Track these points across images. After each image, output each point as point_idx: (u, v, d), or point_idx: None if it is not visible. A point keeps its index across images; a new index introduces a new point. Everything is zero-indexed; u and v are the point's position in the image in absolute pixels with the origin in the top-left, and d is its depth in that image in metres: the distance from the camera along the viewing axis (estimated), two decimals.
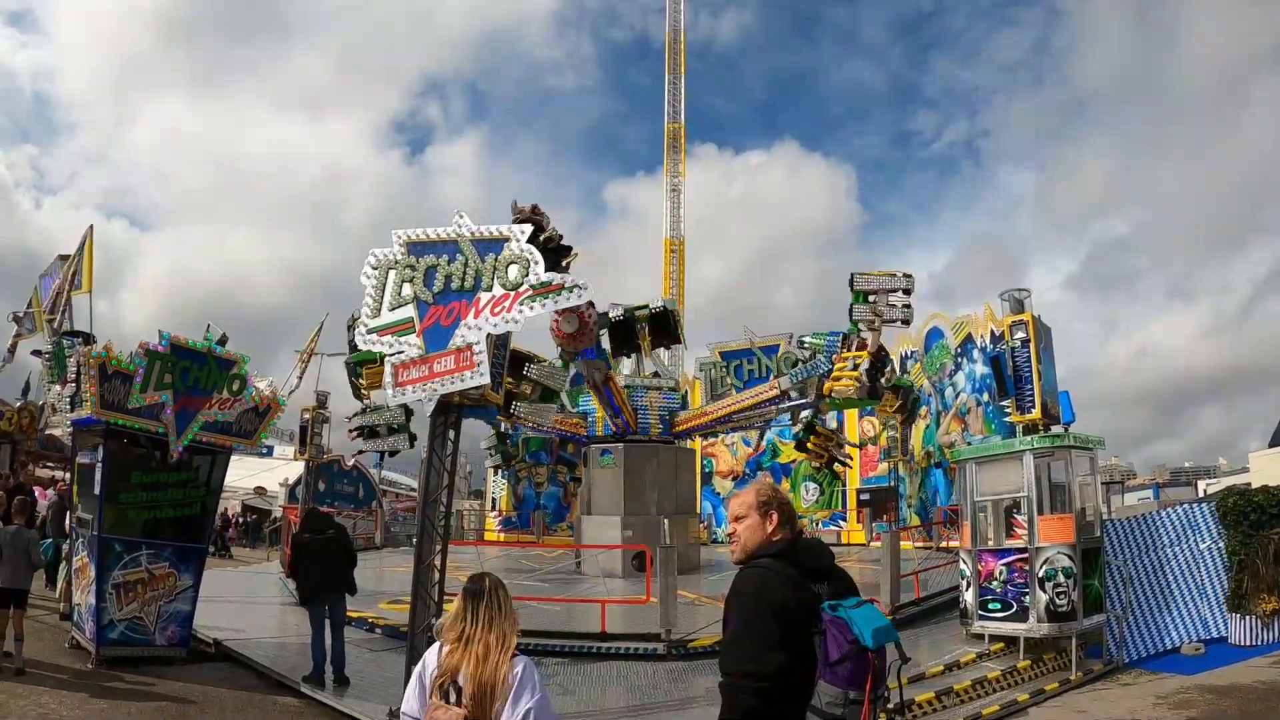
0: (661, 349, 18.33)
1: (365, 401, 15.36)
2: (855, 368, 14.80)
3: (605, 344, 17.35)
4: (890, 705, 3.39)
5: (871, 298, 14.64)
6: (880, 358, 15.37)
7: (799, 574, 3.30)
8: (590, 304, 14.54)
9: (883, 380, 15.93)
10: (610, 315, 14.95)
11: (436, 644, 3.77)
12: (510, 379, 13.53)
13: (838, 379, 14.90)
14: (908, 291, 14.75)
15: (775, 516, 3.48)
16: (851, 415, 27.15)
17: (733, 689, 3.13)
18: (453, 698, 3.54)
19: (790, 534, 3.47)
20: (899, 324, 15.25)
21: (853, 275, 14.76)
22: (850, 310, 14.83)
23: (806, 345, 17.04)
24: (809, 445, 19.16)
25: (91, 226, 12.89)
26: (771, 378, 19.64)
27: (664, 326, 15.49)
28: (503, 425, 25.23)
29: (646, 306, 15.73)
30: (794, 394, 17.38)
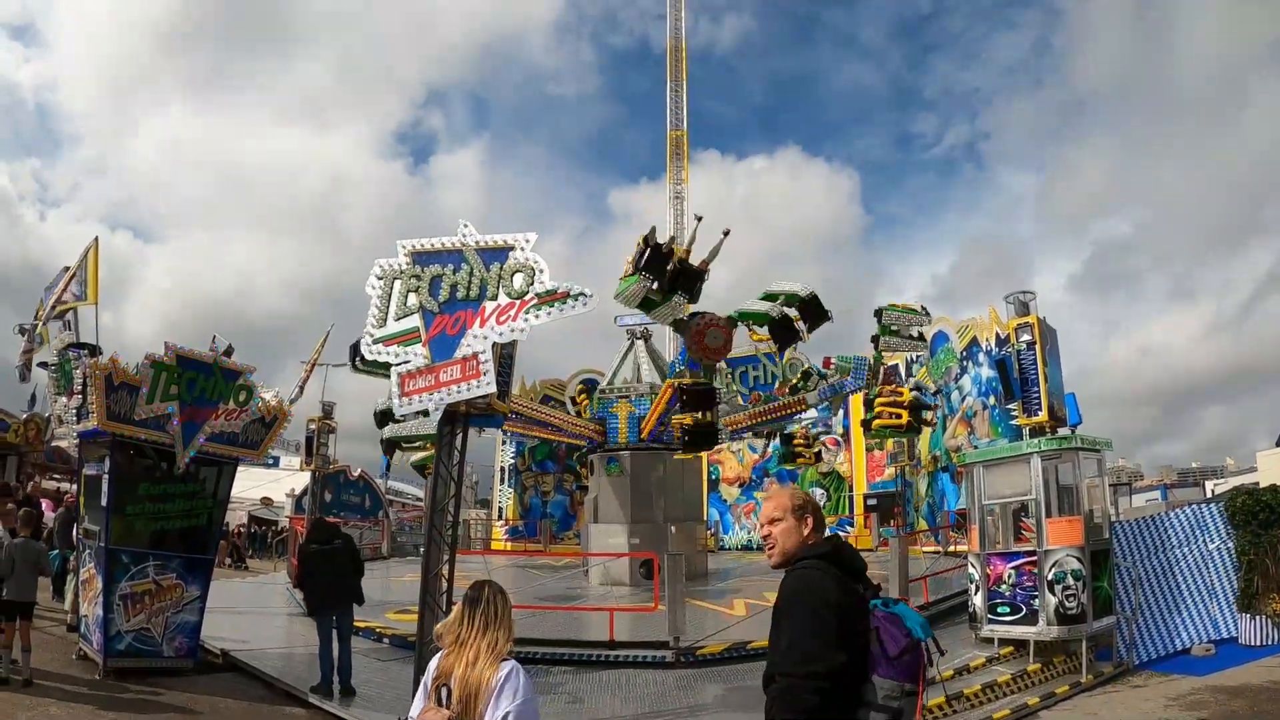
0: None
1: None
2: (900, 403, 16.02)
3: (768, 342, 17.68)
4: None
5: (894, 326, 15.49)
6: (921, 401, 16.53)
7: (844, 574, 3.36)
8: (729, 319, 15.29)
9: (925, 414, 17.28)
10: (769, 314, 15.35)
11: (441, 652, 3.83)
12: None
13: (889, 413, 15.95)
14: (924, 323, 16.01)
15: (810, 520, 3.53)
16: (856, 415, 27.02)
17: (792, 690, 3.13)
18: (445, 698, 3.63)
19: (819, 532, 3.53)
20: (916, 353, 16.38)
21: (879, 309, 15.61)
22: (875, 340, 15.74)
23: (834, 366, 18.05)
24: (795, 448, 19.75)
25: (96, 238, 12.92)
26: (778, 384, 19.68)
27: (815, 311, 15.81)
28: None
29: (785, 297, 15.96)
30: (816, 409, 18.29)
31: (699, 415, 16.13)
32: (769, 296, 15.40)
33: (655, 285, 13.85)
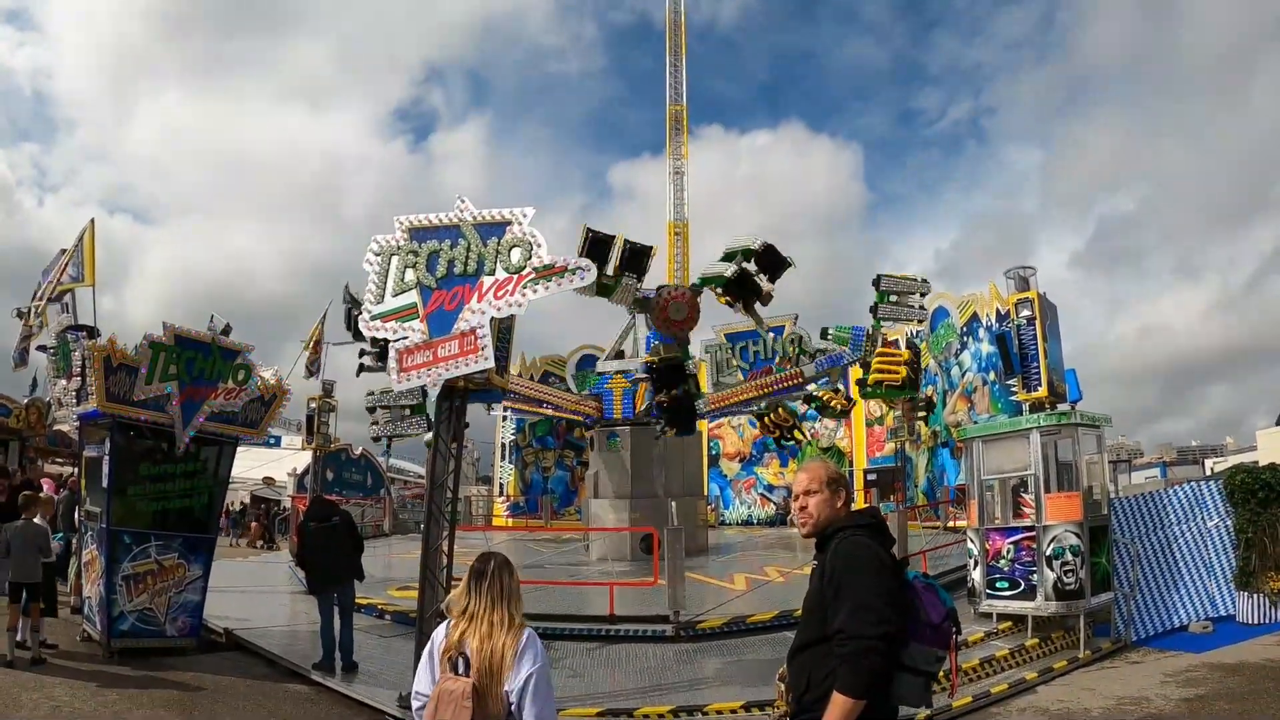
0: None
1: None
2: (899, 362, 15.53)
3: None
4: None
5: (893, 297, 15.39)
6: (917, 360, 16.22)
7: (885, 540, 3.53)
8: (692, 288, 15.69)
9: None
10: (725, 275, 15.33)
11: (445, 623, 3.86)
12: None
13: (886, 371, 15.48)
14: (924, 294, 15.85)
15: (843, 493, 3.68)
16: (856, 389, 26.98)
17: (864, 652, 3.20)
18: (461, 668, 3.63)
19: (849, 506, 3.68)
20: (915, 323, 16.53)
21: (879, 276, 15.47)
22: (874, 309, 15.58)
23: (831, 337, 17.63)
24: (767, 420, 19.70)
25: (92, 220, 12.87)
26: (778, 359, 19.64)
27: (772, 261, 15.79)
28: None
29: (739, 254, 15.92)
30: (814, 382, 18.05)
31: (673, 391, 16.21)
32: (727, 256, 15.40)
33: (604, 270, 14.10)
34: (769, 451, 31.72)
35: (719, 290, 15.66)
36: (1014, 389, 12.81)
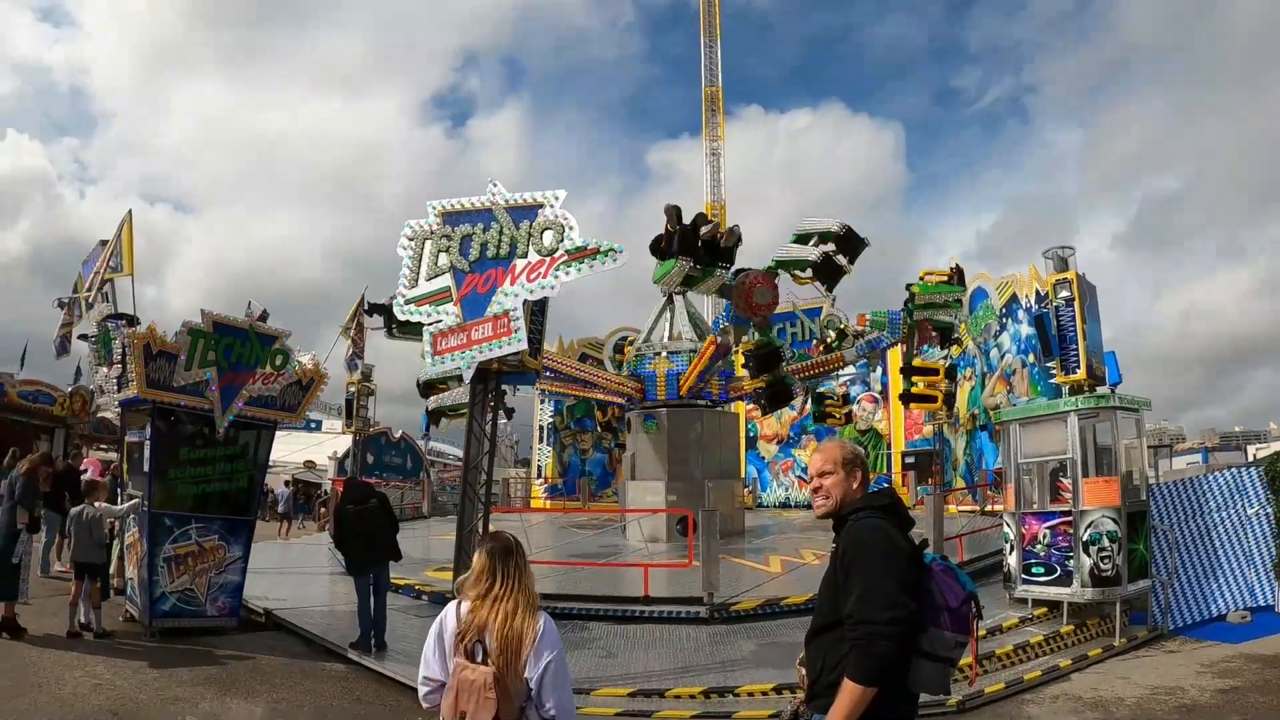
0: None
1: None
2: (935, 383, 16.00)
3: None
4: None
5: (928, 312, 15.83)
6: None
7: (901, 523, 3.46)
8: (770, 271, 15.67)
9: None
10: (807, 258, 15.40)
11: (453, 604, 3.74)
12: None
13: (924, 394, 16.02)
14: (957, 303, 16.35)
15: (859, 474, 3.60)
16: (895, 371, 26.80)
17: (874, 637, 3.14)
18: (479, 655, 3.53)
19: (866, 487, 3.60)
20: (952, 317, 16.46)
21: (909, 290, 15.84)
22: (909, 306, 16.04)
23: (870, 322, 18.07)
24: (826, 409, 19.70)
25: (130, 210, 13.05)
26: (815, 342, 19.59)
27: (850, 243, 15.85)
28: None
29: (817, 237, 15.98)
30: (855, 366, 18.27)
31: (770, 375, 16.17)
32: (802, 238, 15.28)
33: (694, 263, 13.96)
34: (807, 434, 31.65)
35: (799, 272, 15.58)
36: (1053, 371, 12.67)
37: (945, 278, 15.97)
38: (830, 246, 15.13)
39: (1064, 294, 12.18)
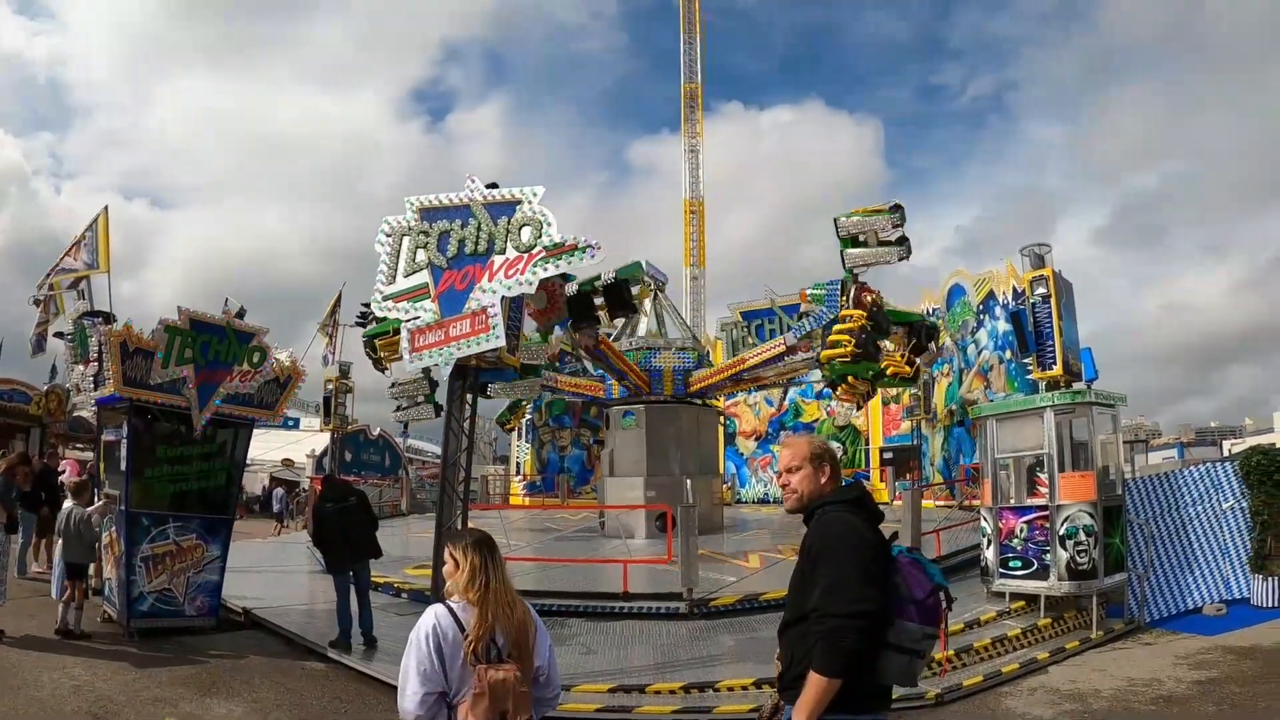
0: (637, 314, 17.96)
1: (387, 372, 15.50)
2: (849, 331, 13.15)
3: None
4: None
5: (862, 237, 13.13)
6: (878, 315, 13.57)
7: (870, 516, 3.47)
8: (562, 276, 13.62)
9: (885, 341, 14.24)
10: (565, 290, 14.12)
11: (439, 609, 3.56)
12: None
13: (833, 344, 13.30)
14: (899, 225, 13.11)
15: (827, 468, 3.61)
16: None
17: (838, 630, 3.17)
18: (494, 655, 3.46)
19: (836, 481, 3.62)
20: (899, 260, 13.44)
21: (836, 220, 13.26)
22: (842, 256, 13.39)
23: (810, 296, 15.42)
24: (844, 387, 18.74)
25: (106, 206, 12.93)
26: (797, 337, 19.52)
27: (618, 298, 14.78)
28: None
29: (598, 279, 15.07)
30: (799, 348, 16.86)
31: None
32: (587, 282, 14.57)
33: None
34: (785, 430, 31.76)
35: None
36: (1029, 367, 12.75)
37: (880, 210, 13.27)
38: (891, 220, 13.28)
39: (1041, 291, 12.26)
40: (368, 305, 13.04)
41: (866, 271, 13.46)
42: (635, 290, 14.36)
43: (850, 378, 13.58)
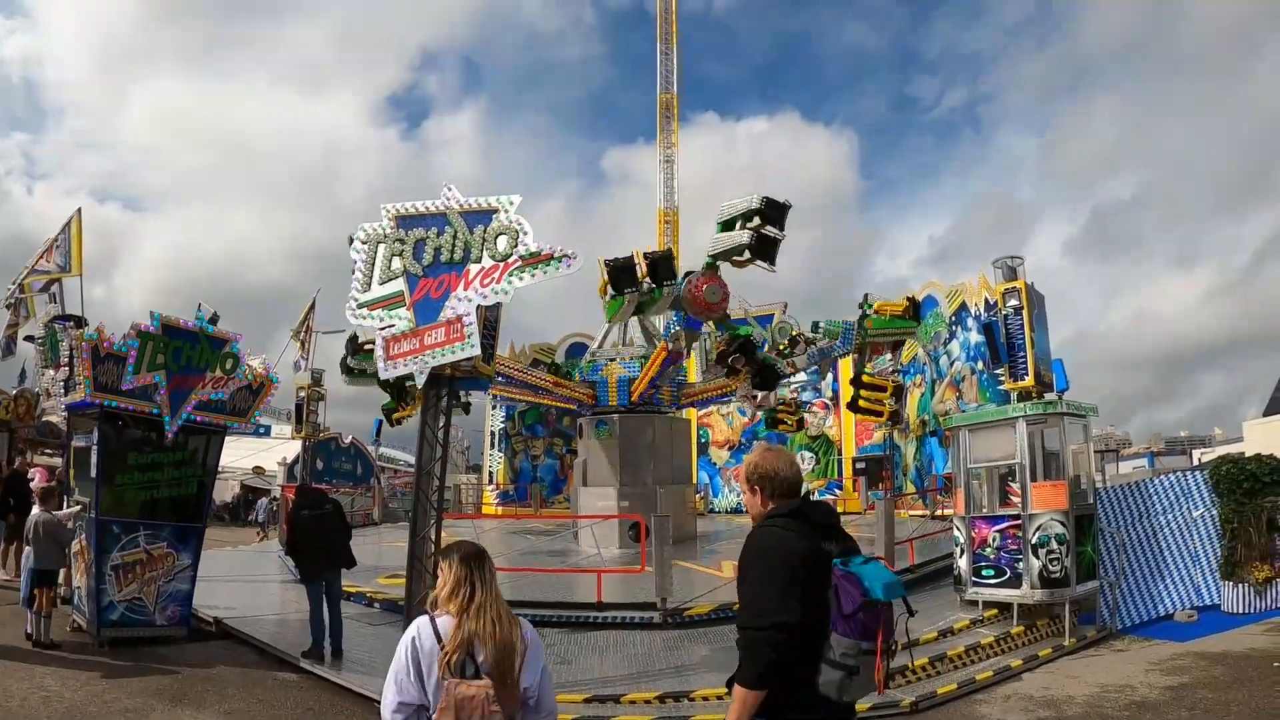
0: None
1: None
2: (882, 399, 15.94)
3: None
4: (894, 660, 3.47)
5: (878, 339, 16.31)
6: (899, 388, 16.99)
7: (811, 529, 3.40)
8: (710, 267, 15.14)
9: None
10: (742, 242, 14.92)
11: (423, 621, 3.51)
12: None
13: (870, 407, 16.04)
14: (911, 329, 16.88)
15: (758, 489, 3.59)
16: (846, 379, 27.08)
17: (753, 643, 3.20)
18: (469, 671, 3.36)
19: (787, 498, 3.54)
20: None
21: (863, 316, 16.34)
22: (860, 331, 16.46)
23: (822, 330, 18.13)
24: (778, 415, 19.80)
25: (79, 209, 12.84)
26: (766, 347, 19.67)
27: (775, 210, 15.41)
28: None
29: (746, 212, 15.77)
30: (806, 373, 18.48)
31: (751, 361, 16.37)
32: (727, 225, 15.14)
33: (639, 291, 14.10)
34: (759, 440, 31.81)
35: (737, 258, 15.40)
36: (1001, 378, 12.85)
37: (899, 311, 16.21)
38: (755, 222, 14.87)
39: (1013, 302, 12.37)
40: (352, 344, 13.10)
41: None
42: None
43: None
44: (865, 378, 16.55)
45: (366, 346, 13.97)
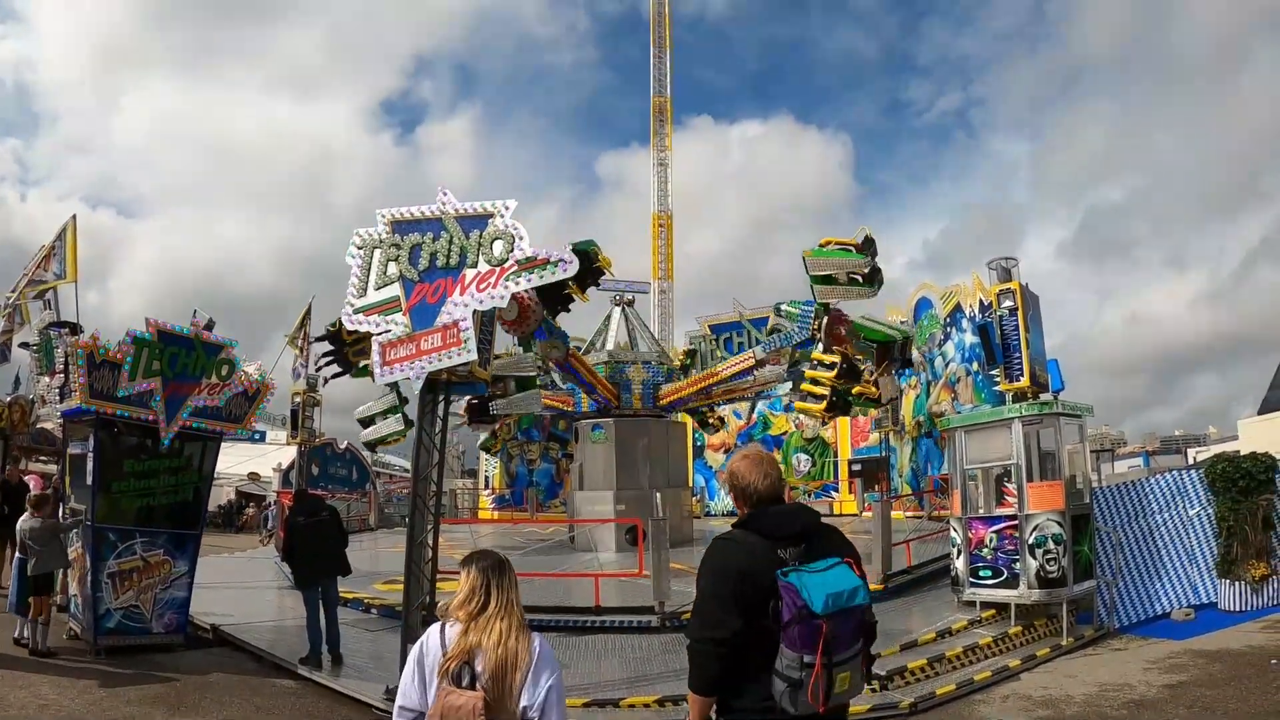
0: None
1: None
2: (828, 371, 13.57)
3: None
4: (882, 673, 3.47)
5: (833, 275, 13.18)
6: (851, 368, 13.95)
7: (763, 540, 3.35)
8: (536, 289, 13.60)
9: (853, 394, 14.65)
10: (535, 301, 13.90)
11: (435, 628, 3.48)
12: None
13: (810, 394, 13.82)
14: (871, 256, 13.26)
15: (739, 497, 3.61)
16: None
17: (696, 653, 3.31)
18: (465, 680, 3.29)
19: (755, 506, 3.53)
20: (870, 296, 13.82)
21: (804, 258, 13.14)
22: (813, 291, 13.54)
23: (783, 313, 16.14)
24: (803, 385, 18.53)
25: (74, 216, 12.83)
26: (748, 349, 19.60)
27: (586, 268, 14.20)
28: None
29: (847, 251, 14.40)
30: (767, 363, 17.14)
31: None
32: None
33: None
34: (753, 441, 31.80)
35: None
36: (997, 379, 12.85)
37: (850, 244, 13.40)
38: (862, 261, 13.12)
39: (1007, 304, 12.36)
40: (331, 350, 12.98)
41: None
42: (597, 261, 14.15)
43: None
44: (815, 355, 14.27)
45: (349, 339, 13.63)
